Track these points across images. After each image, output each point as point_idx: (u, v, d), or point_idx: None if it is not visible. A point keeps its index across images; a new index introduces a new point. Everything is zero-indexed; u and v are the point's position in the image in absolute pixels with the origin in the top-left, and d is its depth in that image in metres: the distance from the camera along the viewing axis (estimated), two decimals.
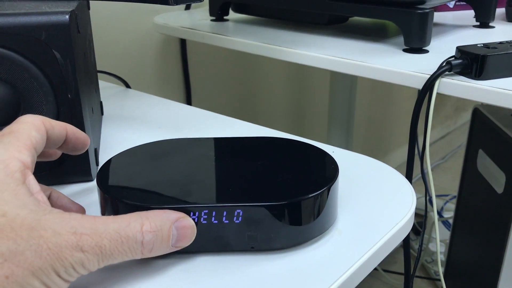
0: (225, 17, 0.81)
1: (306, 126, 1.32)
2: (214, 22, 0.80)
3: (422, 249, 1.22)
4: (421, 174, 0.58)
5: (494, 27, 0.75)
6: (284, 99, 1.22)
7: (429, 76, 0.51)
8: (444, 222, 1.41)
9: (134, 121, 0.54)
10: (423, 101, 0.52)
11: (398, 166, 1.72)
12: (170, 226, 0.28)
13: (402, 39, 0.61)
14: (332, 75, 1.04)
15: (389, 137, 1.71)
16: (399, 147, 1.77)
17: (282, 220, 0.31)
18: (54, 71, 0.36)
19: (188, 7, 0.93)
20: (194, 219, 0.30)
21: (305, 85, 1.26)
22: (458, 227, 1.01)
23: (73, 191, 0.39)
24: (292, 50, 0.63)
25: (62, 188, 0.39)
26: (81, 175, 0.40)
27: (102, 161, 0.42)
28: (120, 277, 0.29)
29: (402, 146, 1.78)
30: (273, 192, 0.32)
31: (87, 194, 0.39)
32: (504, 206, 0.79)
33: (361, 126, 1.51)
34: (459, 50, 0.52)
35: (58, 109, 0.38)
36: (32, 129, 0.28)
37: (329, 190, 0.32)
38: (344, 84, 1.01)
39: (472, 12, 0.76)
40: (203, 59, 0.99)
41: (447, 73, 0.51)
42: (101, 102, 0.55)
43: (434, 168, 1.82)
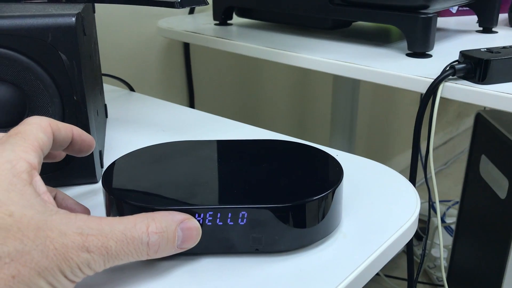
0: (228, 21, 0.82)
1: (308, 130, 1.32)
2: (217, 26, 0.80)
3: (425, 254, 1.22)
4: (424, 179, 0.58)
5: (497, 32, 0.75)
6: (286, 103, 1.22)
7: (432, 80, 0.51)
8: (446, 228, 1.40)
9: (138, 124, 0.54)
10: (427, 104, 0.52)
11: (401, 171, 1.71)
12: (176, 227, 0.28)
13: (405, 44, 0.61)
14: (334, 79, 1.04)
15: (391, 142, 1.71)
16: (401, 153, 1.77)
17: (287, 222, 0.31)
18: (60, 73, 0.37)
19: (192, 11, 0.93)
20: (199, 221, 0.30)
21: (308, 89, 1.27)
22: (460, 233, 1.00)
23: (78, 193, 0.39)
24: (295, 54, 0.63)
25: (67, 189, 0.39)
26: (86, 177, 0.40)
27: (107, 163, 0.42)
28: (125, 278, 0.29)
29: (404, 152, 1.78)
30: (278, 194, 0.32)
31: (92, 196, 0.39)
32: (507, 211, 0.79)
33: (363, 131, 1.51)
34: (463, 54, 0.52)
35: (63, 110, 0.38)
36: (39, 130, 0.29)
37: (333, 192, 0.32)
38: (346, 88, 1.02)
39: (475, 17, 0.76)
40: (207, 63, 0.99)
41: (451, 77, 0.51)
42: (105, 105, 0.55)
43: (436, 173, 1.81)
